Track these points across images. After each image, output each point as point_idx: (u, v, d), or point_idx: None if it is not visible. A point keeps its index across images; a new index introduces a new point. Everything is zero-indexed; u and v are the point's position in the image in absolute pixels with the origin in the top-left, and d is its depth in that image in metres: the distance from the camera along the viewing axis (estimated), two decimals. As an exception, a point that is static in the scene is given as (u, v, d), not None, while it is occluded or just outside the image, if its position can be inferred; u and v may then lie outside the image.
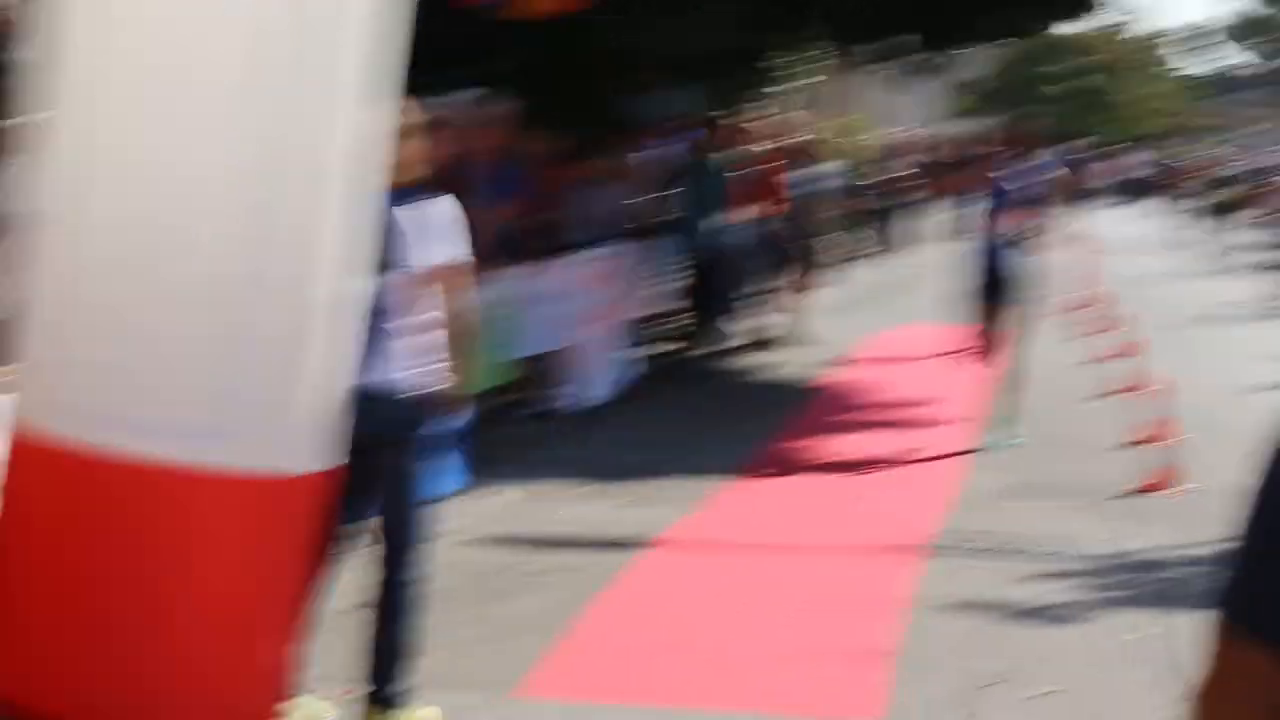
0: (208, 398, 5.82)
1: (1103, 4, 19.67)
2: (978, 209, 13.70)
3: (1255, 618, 1.89)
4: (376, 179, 6.13)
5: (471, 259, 6.67)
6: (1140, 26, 75.59)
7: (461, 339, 6.59)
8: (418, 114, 6.53)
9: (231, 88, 5.82)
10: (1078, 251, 11.80)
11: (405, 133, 6.37)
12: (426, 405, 6.52)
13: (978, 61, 66.47)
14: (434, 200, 6.55)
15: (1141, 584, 9.31)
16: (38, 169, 6.07)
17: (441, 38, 14.67)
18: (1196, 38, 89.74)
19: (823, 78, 33.25)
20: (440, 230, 6.51)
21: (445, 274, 6.52)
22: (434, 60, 14.69)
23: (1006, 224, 12.21)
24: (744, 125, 17.68)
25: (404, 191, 6.40)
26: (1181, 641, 8.17)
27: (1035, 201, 12.35)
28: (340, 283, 6.01)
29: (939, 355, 17.36)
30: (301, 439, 6.00)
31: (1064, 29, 22.42)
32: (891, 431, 14.04)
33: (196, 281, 5.80)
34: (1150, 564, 9.76)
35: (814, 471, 12.25)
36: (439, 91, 15.53)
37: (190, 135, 5.80)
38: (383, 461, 6.51)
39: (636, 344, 16.27)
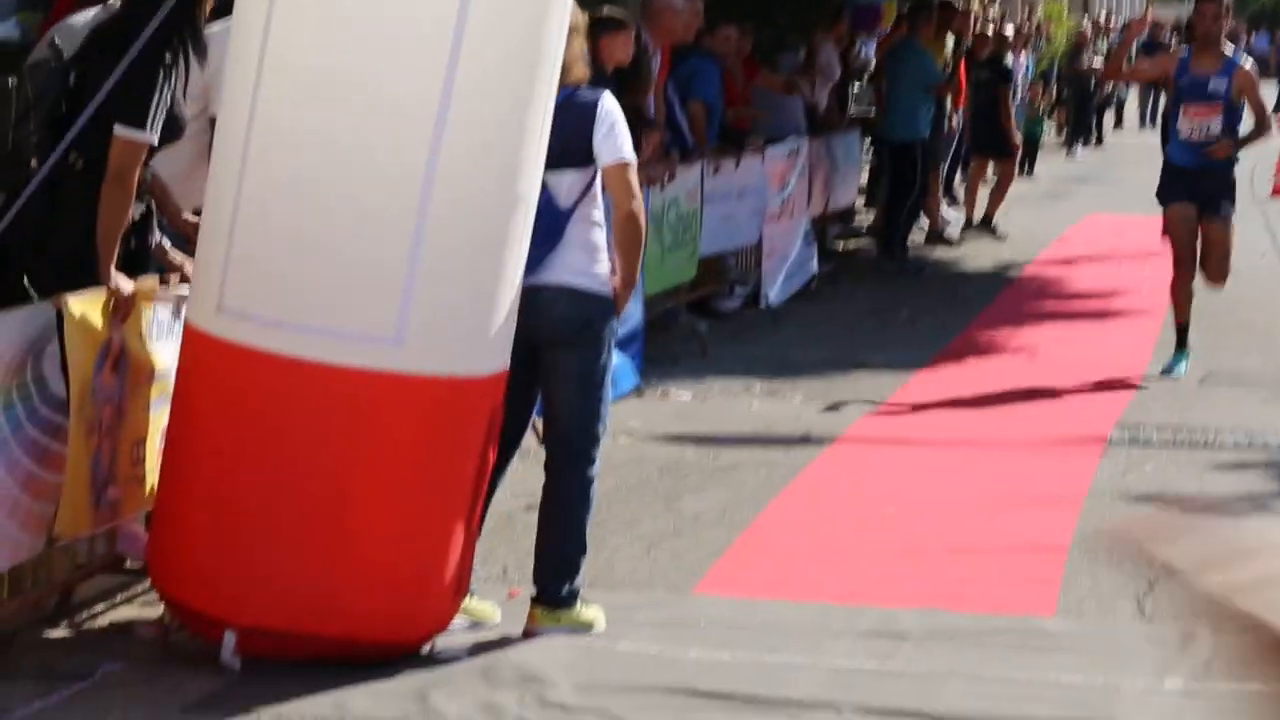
0: (386, 303, 5.96)
1: None
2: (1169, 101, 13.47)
3: None
4: (551, 77, 6.20)
5: (636, 158, 6.71)
6: None
7: (631, 239, 6.64)
8: (580, 12, 6.57)
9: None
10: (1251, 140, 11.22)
11: (571, 30, 6.41)
12: (597, 304, 6.58)
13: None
14: (597, 98, 6.59)
15: None
16: (231, 77, 6.21)
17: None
18: None
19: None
20: (606, 129, 6.56)
21: (612, 174, 6.58)
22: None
23: (1187, 121, 11.65)
24: (946, 14, 17.38)
25: (568, 90, 6.45)
26: None
27: (1216, 98, 11.61)
28: (515, 183, 6.11)
29: (1128, 248, 17.16)
30: (476, 341, 6.12)
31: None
32: (1078, 324, 13.94)
33: (376, 189, 5.93)
34: None
35: (998, 366, 12.21)
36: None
37: (378, 50, 5.91)
38: (554, 361, 6.60)
39: (821, 241, 16.25)
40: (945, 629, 6.72)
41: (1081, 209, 21.84)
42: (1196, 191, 11.58)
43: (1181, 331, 11.85)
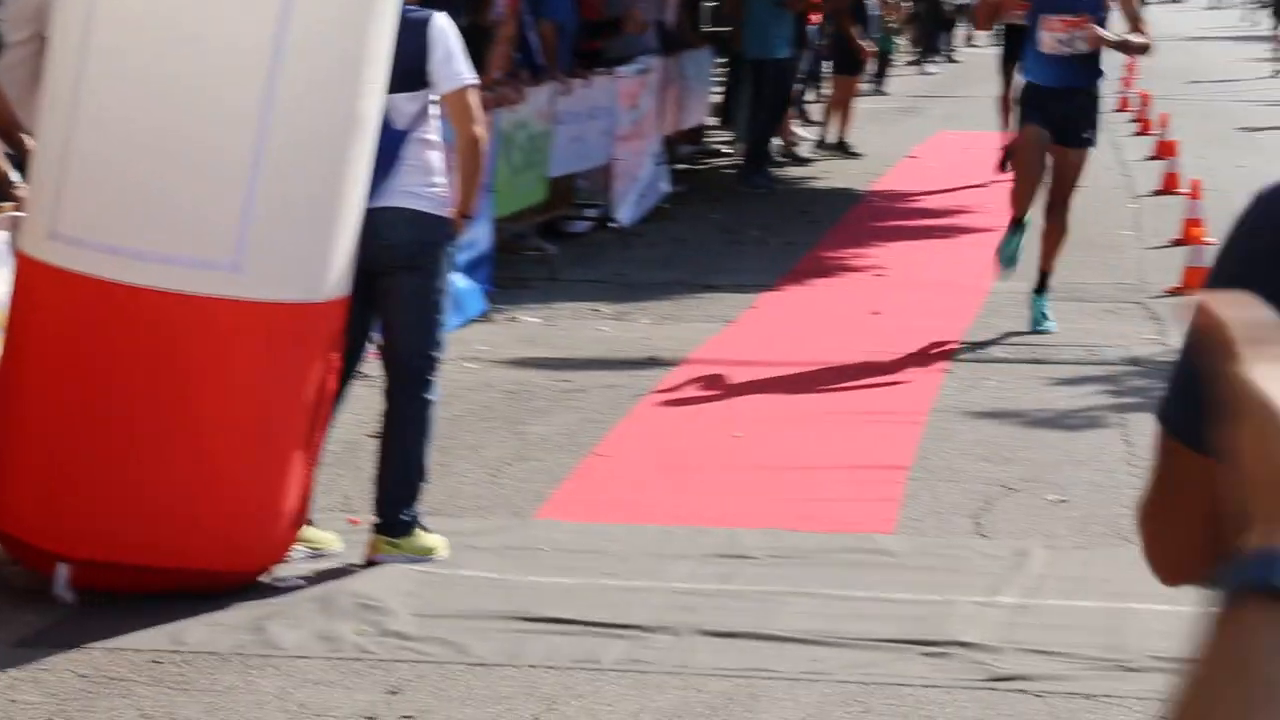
0: (223, 228, 5.90)
1: None
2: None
3: (1176, 424, 1.94)
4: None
5: (478, 80, 6.66)
6: None
7: (472, 165, 6.59)
8: None
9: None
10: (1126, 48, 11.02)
11: None
12: (434, 226, 6.53)
13: None
14: (427, 18, 6.51)
15: (1160, 389, 9.34)
16: None
17: None
18: None
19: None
20: (442, 53, 6.49)
21: (452, 99, 6.52)
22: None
23: (1050, 35, 10.24)
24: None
25: (406, 8, 6.36)
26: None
27: (1084, 5, 10.24)
28: (354, 108, 6.04)
29: (977, 165, 17.29)
30: (315, 266, 6.07)
31: None
32: (925, 242, 14.04)
33: (212, 116, 5.86)
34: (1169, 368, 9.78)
35: (847, 283, 12.29)
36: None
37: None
38: (390, 285, 6.54)
39: (672, 160, 16.24)
40: (787, 549, 6.78)
41: (933, 125, 21.98)
42: (1056, 114, 10.32)
43: (1016, 220, 10.81)
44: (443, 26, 6.52)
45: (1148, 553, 1.99)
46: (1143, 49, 10.93)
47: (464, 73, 6.53)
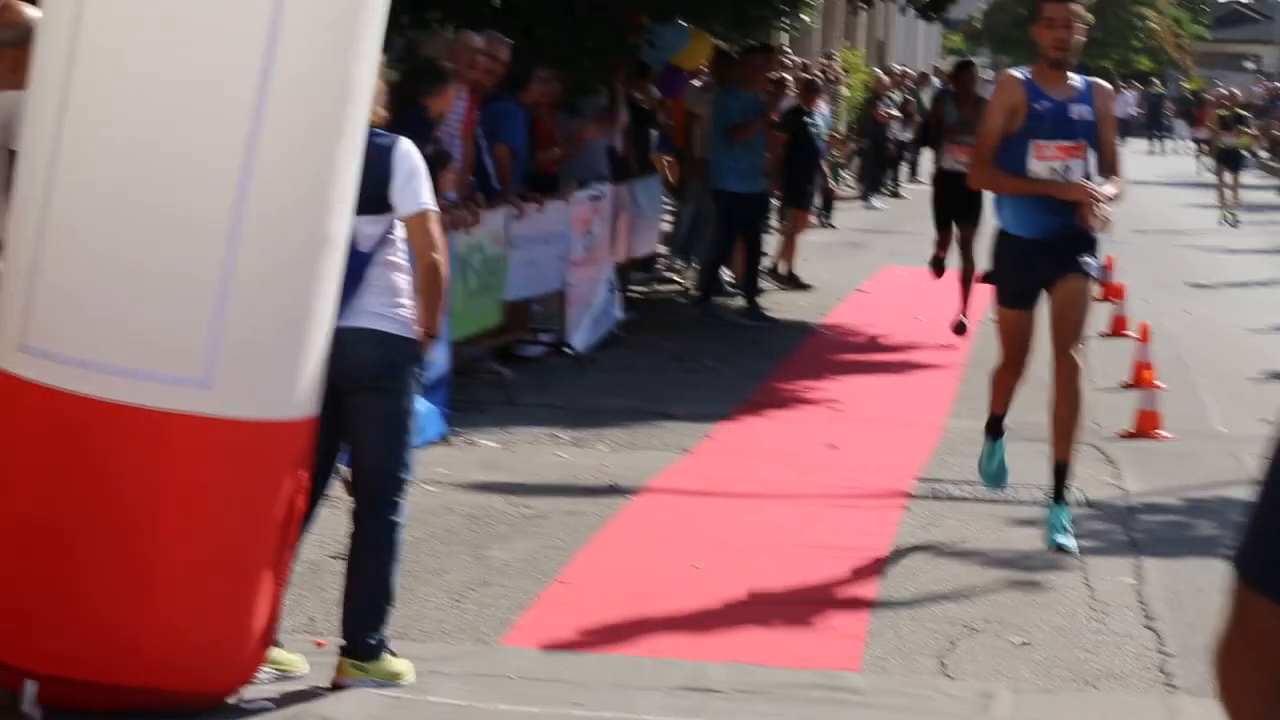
0: (193, 343, 5.88)
1: None
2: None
3: (1256, 574, 1.89)
4: (360, 117, 6.15)
5: (438, 206, 6.68)
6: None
7: (433, 288, 6.60)
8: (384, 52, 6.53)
9: (247, 11, 5.84)
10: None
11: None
12: (400, 347, 6.54)
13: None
14: (392, 143, 6.55)
15: (1117, 532, 9.41)
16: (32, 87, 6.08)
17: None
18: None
19: (815, 16, 33.17)
20: (404, 178, 6.52)
21: (412, 223, 6.55)
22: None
23: (1042, 164, 8.64)
24: (755, 62, 17.39)
25: (371, 132, 6.38)
26: (1154, 591, 8.27)
27: (1079, 131, 8.71)
28: (324, 226, 6.06)
29: (925, 301, 17.41)
30: (285, 385, 6.06)
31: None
32: (878, 376, 14.11)
33: (187, 219, 5.85)
34: (1128, 510, 9.85)
35: (801, 417, 12.32)
36: (424, 26, 15.61)
37: (195, 65, 5.82)
38: (358, 405, 6.54)
39: (626, 287, 16.30)
40: (754, 683, 6.77)
41: (879, 260, 22.15)
42: (1047, 265, 8.74)
43: (995, 421, 9.53)
44: (407, 151, 6.56)
45: (1223, 699, 1.96)
46: (1117, 199, 8.87)
47: (424, 198, 6.56)
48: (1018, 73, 8.94)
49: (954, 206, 15.80)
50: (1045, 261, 8.70)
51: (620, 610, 7.70)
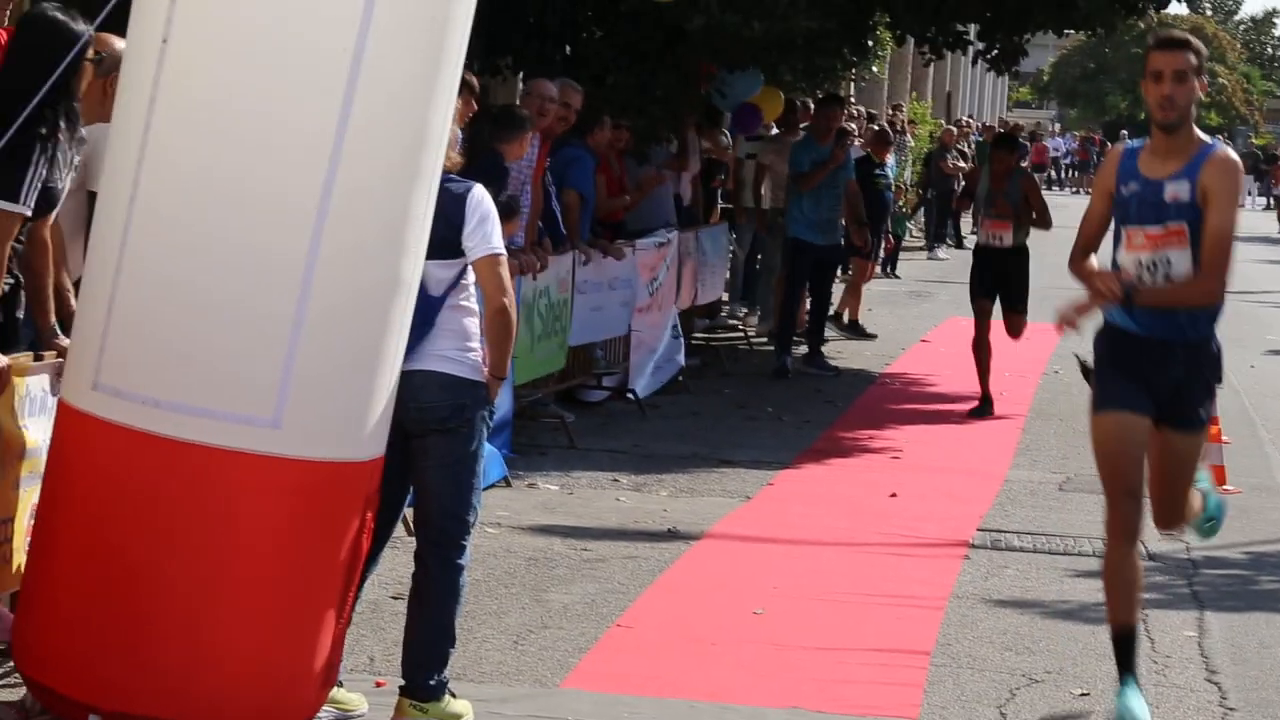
0: (264, 384, 5.92)
1: None
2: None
3: None
4: (436, 162, 6.20)
5: (505, 250, 6.73)
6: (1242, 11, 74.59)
7: (501, 332, 6.65)
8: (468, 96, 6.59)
9: (328, 55, 5.89)
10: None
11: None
12: (469, 390, 6.58)
13: (1048, 49, 66.41)
14: (468, 189, 6.60)
15: (1180, 585, 9.37)
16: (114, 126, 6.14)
17: (520, 12, 14.80)
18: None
19: (885, 68, 33.23)
20: (476, 222, 6.57)
21: (482, 267, 6.60)
22: (511, 38, 14.82)
23: (1131, 255, 6.98)
24: (830, 113, 17.34)
25: (445, 178, 6.43)
26: (1216, 644, 8.23)
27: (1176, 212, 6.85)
28: (397, 268, 6.10)
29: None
30: (354, 425, 6.10)
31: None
32: (940, 427, 14.08)
33: (263, 256, 5.89)
34: (1190, 564, 9.81)
35: (864, 464, 12.32)
36: (495, 73, 15.71)
37: (275, 101, 5.87)
38: (425, 447, 6.58)
39: (690, 333, 16.33)
40: (811, 730, 6.77)
41: (943, 310, 22.11)
42: (1155, 380, 7.03)
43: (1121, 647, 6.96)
44: (480, 198, 6.62)
45: None
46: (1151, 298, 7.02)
47: (495, 243, 6.61)
48: (1125, 145, 7.29)
49: (987, 283, 14.63)
50: (1154, 368, 7.01)
51: (679, 655, 7.72)
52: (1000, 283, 14.57)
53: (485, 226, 6.59)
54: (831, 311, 19.75)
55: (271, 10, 5.89)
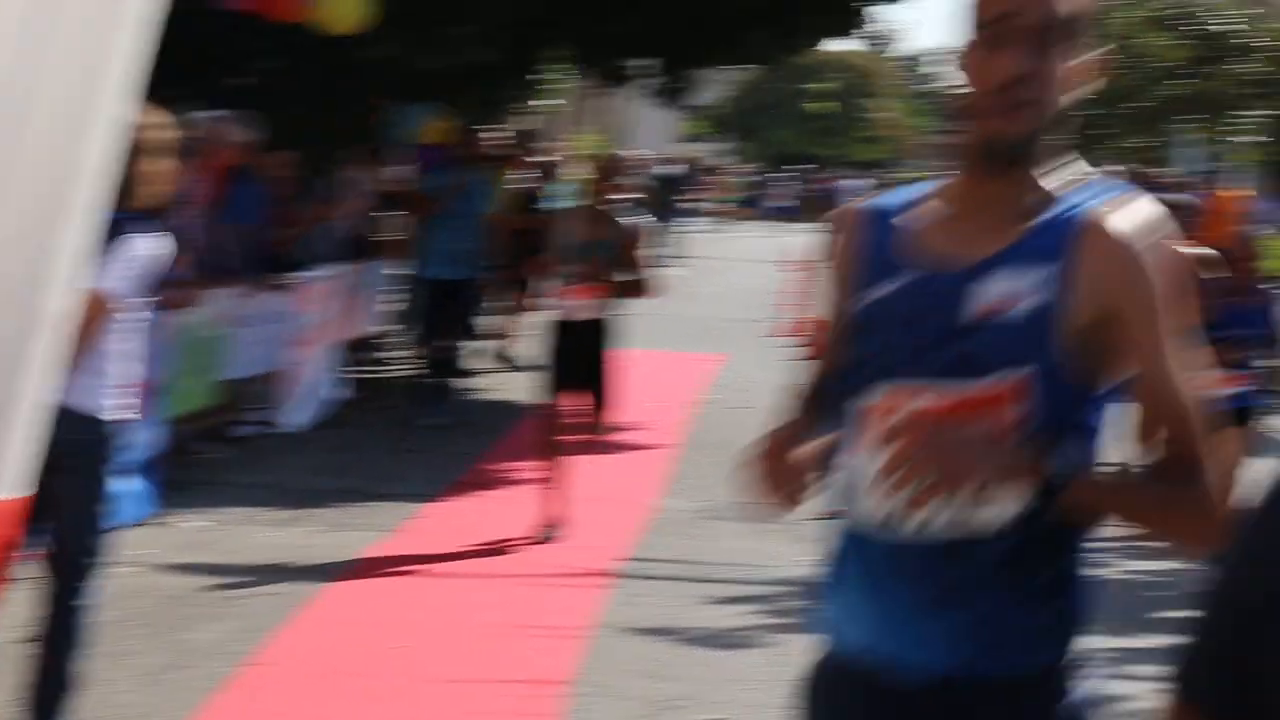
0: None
1: (863, 22, 19.80)
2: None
3: (1208, 698, 1.83)
4: (86, 194, 6.08)
5: (117, 293, 6.60)
6: (901, 46, 76.70)
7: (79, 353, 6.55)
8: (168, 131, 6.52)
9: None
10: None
11: (147, 149, 6.37)
12: (97, 429, 6.50)
13: (720, 84, 67.51)
14: (119, 225, 6.51)
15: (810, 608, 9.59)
16: None
17: (189, 42, 14.60)
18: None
19: (564, 99, 33.46)
20: (112, 257, 6.48)
21: (94, 299, 6.50)
22: (179, 68, 14.62)
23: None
24: (495, 143, 17.35)
25: (122, 214, 6.31)
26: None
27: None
28: (44, 302, 5.98)
29: (641, 382, 17.60)
30: (5, 462, 5.97)
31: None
32: (593, 456, 14.20)
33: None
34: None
35: (512, 496, 12.39)
36: (177, 105, 15.44)
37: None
38: (51, 486, 6.46)
39: (345, 367, 16.26)
40: (445, 762, 6.80)
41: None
42: None
43: None
44: (123, 234, 6.52)
45: None
46: None
47: (105, 278, 6.50)
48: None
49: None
50: None
51: (318, 690, 7.70)
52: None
53: (114, 264, 6.49)
54: (487, 344, 19.86)
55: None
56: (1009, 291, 3.06)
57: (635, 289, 11.13)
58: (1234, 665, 1.79)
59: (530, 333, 19.74)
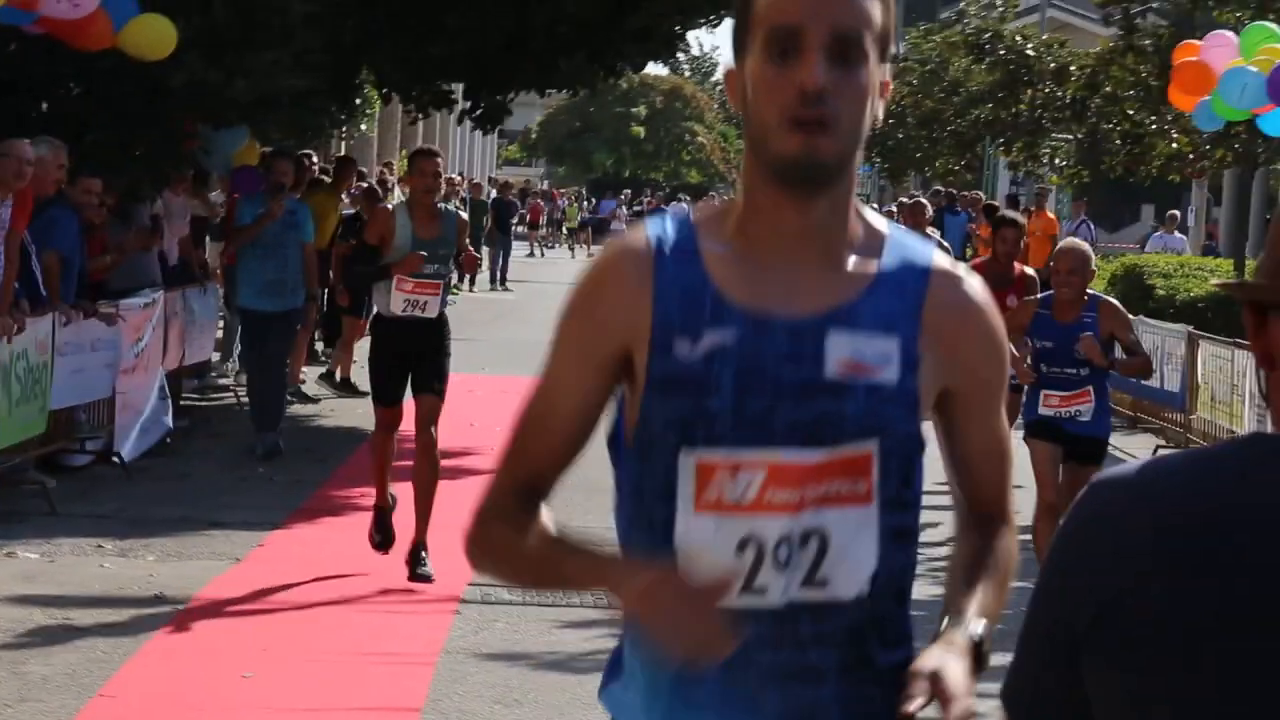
0: None
1: (683, 48, 19.94)
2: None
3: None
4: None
5: None
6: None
7: None
8: None
9: None
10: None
11: None
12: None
13: (540, 108, 67.66)
14: None
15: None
16: None
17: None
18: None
19: (385, 124, 33.33)
20: None
21: None
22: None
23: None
24: (309, 167, 17.21)
25: None
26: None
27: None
28: None
29: (484, 406, 17.54)
30: None
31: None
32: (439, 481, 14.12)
33: None
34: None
35: (355, 522, 12.25)
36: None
37: None
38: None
39: (179, 394, 16.03)
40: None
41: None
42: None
43: None
44: None
45: None
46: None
47: None
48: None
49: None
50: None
51: (165, 723, 7.58)
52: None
53: None
54: (324, 370, 19.72)
55: None
56: (871, 354, 2.86)
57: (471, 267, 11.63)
58: (1055, 682, 1.89)
59: (363, 358, 19.65)
